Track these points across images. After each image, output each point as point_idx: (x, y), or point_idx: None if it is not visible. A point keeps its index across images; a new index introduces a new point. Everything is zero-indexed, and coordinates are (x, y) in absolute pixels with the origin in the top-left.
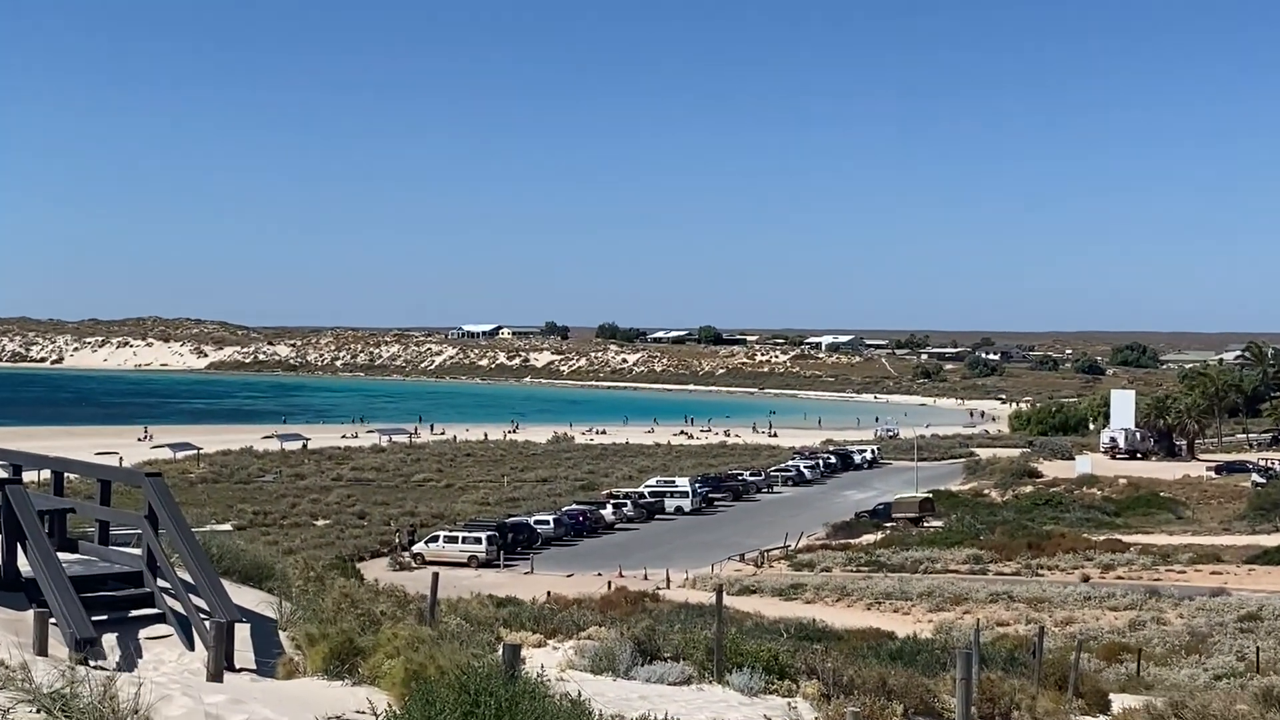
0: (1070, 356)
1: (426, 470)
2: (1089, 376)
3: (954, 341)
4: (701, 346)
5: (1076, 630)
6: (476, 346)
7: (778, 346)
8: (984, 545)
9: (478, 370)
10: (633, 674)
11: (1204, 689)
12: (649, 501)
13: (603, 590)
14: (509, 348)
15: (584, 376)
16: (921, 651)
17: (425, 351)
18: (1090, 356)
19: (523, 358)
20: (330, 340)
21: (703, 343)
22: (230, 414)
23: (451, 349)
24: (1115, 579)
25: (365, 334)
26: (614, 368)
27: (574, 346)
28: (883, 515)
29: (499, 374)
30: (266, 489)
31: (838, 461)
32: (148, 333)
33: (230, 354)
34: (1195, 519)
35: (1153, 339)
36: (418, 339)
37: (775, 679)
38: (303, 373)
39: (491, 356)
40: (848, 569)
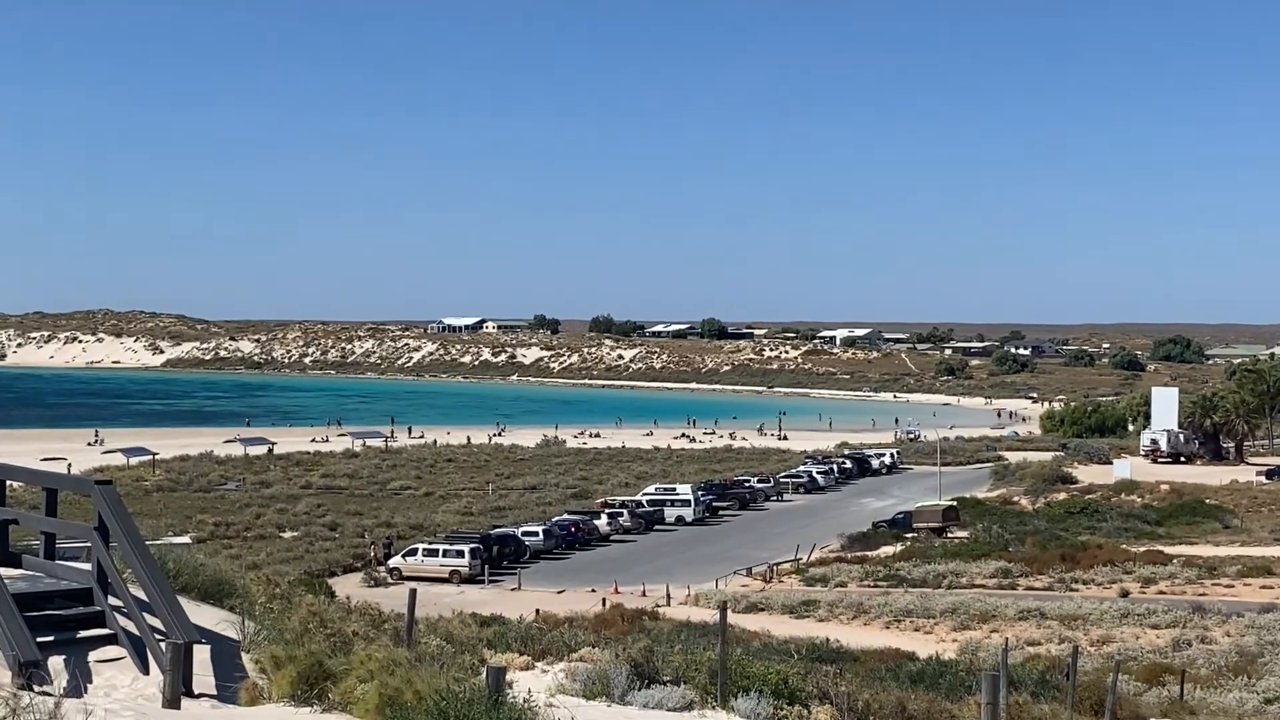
0: (1107, 351)
1: (404, 477)
2: (1128, 373)
3: (980, 335)
4: (705, 341)
5: (1114, 650)
6: (459, 342)
7: (788, 341)
8: (1013, 558)
9: (460, 368)
10: (629, 699)
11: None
12: (647, 511)
13: (597, 608)
14: (494, 343)
15: (576, 374)
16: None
17: (402, 347)
18: (1129, 351)
19: (509, 354)
20: (298, 335)
21: (706, 337)
22: (189, 416)
23: (431, 344)
24: (1157, 594)
25: (336, 328)
26: (609, 365)
27: (565, 341)
28: (903, 525)
29: (483, 372)
30: (228, 498)
31: (853, 466)
32: (98, 327)
33: (189, 350)
34: (1244, 528)
35: (1197, 331)
36: (394, 334)
37: (785, 704)
38: (268, 371)
39: (475, 353)
40: (864, 584)
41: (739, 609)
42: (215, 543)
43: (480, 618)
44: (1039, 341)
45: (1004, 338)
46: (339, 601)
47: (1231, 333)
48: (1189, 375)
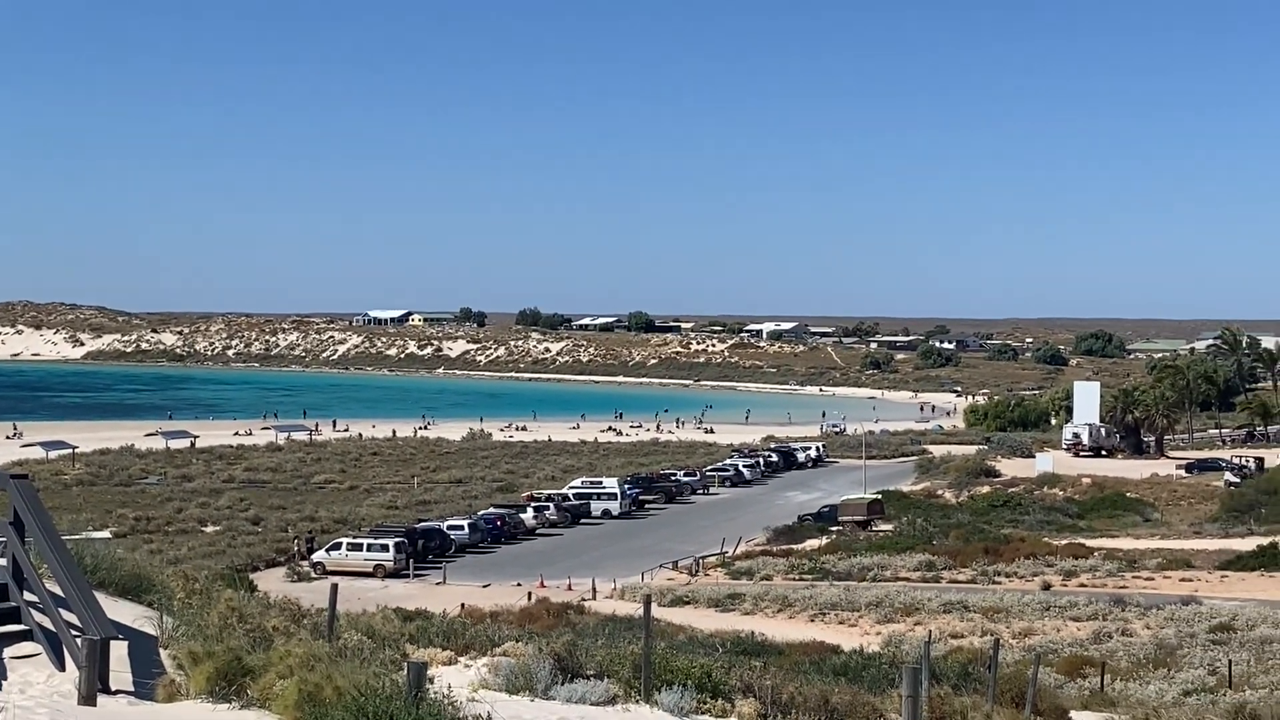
0: (1031, 345)
1: (328, 471)
2: (1051, 367)
3: (906, 329)
4: (632, 335)
5: (1036, 642)
6: (384, 334)
7: (715, 335)
8: (937, 550)
9: (385, 360)
10: (552, 693)
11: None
12: (574, 504)
13: (522, 602)
14: (420, 336)
15: (503, 367)
16: (868, 666)
17: (327, 340)
18: (1052, 345)
19: (435, 347)
20: (221, 327)
21: (633, 330)
22: (110, 409)
23: (356, 337)
24: (1078, 587)
25: (260, 320)
26: (536, 358)
27: (492, 335)
28: (828, 518)
29: (409, 365)
30: (149, 492)
31: (779, 460)
32: (17, 319)
33: (109, 342)
34: (1164, 521)
35: (1119, 326)
36: (319, 326)
37: (708, 698)
38: (190, 363)
39: (401, 345)
40: (790, 577)
41: (665, 603)
42: (135, 538)
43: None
44: (963, 336)
45: (929, 332)
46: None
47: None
48: (1111, 370)
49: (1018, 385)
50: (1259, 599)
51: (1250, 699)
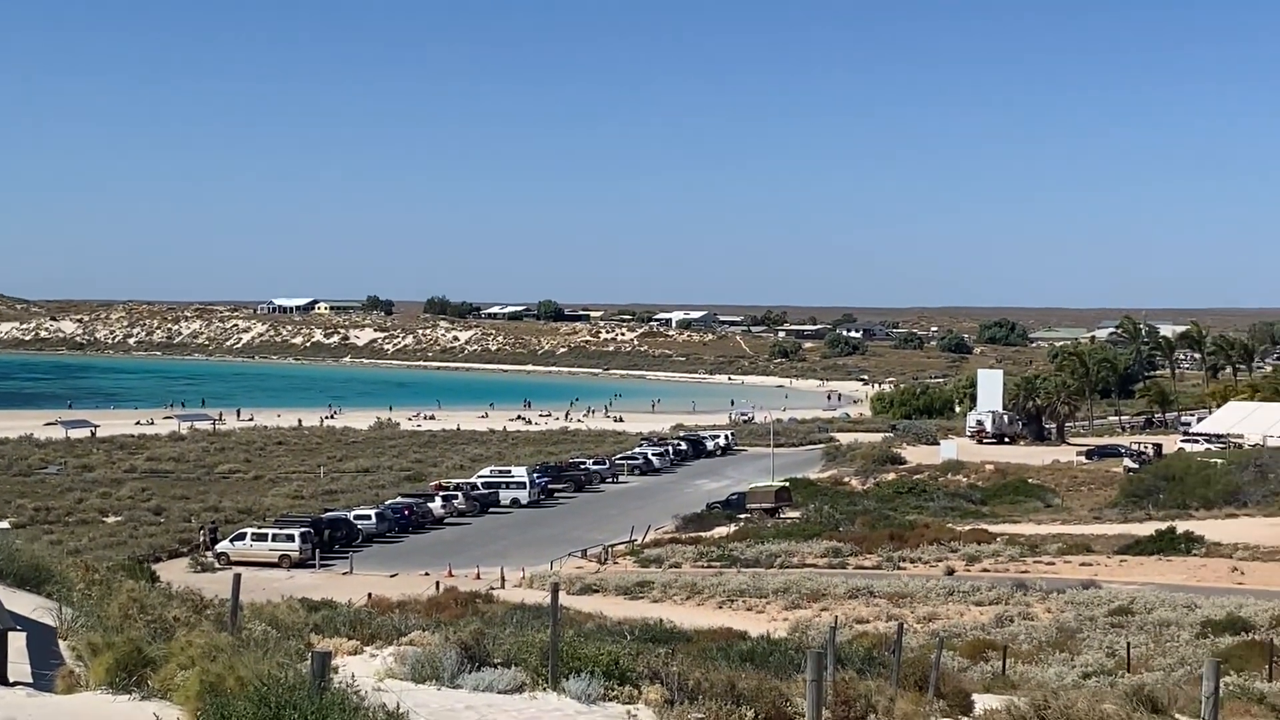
0: (936, 334)
1: (232, 460)
2: (955, 355)
3: (813, 318)
4: (541, 323)
5: (939, 627)
6: (290, 323)
7: (624, 323)
8: (843, 537)
9: (291, 349)
10: (459, 682)
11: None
12: (482, 493)
13: (430, 591)
14: (326, 324)
15: (411, 356)
16: (774, 652)
17: (231, 328)
18: (957, 334)
19: (342, 335)
20: (122, 315)
21: (542, 319)
22: (7, 398)
23: (261, 325)
24: (981, 572)
25: (163, 308)
26: (444, 346)
27: (399, 323)
28: (736, 506)
29: (315, 353)
30: (49, 482)
31: (688, 448)
32: None
33: (7, 331)
34: (1065, 507)
35: (1022, 315)
36: (223, 314)
37: (616, 685)
38: (91, 352)
39: (307, 334)
40: (698, 564)
41: (574, 591)
42: (35, 528)
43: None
44: (870, 324)
45: (836, 320)
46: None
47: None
48: (1014, 358)
49: (923, 373)
50: (1157, 583)
51: (1148, 681)
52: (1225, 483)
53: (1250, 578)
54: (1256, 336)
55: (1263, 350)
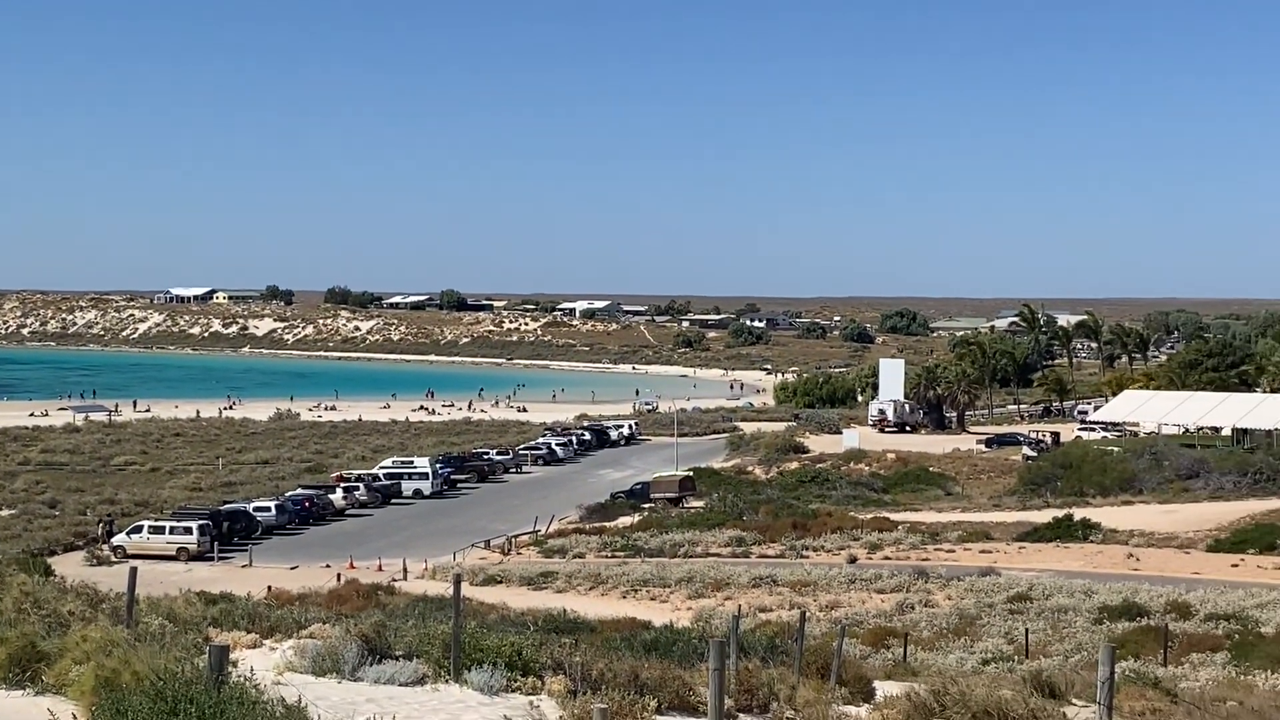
0: (839, 323)
1: (129, 452)
2: (858, 345)
3: (717, 308)
4: (444, 313)
5: (842, 615)
6: (187, 313)
7: (528, 313)
8: (747, 526)
9: (189, 339)
10: (360, 675)
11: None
12: (384, 484)
13: (331, 583)
14: (225, 314)
15: (311, 346)
16: (678, 641)
17: (127, 318)
18: (859, 323)
19: (241, 325)
20: (15, 305)
21: (445, 309)
22: None
23: (158, 315)
24: (882, 560)
25: (57, 298)
26: (345, 336)
27: (299, 313)
28: (640, 496)
29: (213, 344)
30: None
31: (592, 438)
32: None
33: None
34: (965, 495)
35: (923, 305)
36: (118, 304)
37: (519, 676)
38: None
39: (205, 324)
40: (602, 554)
41: (477, 582)
42: None
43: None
44: (773, 314)
45: (740, 310)
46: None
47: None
48: (915, 347)
49: (826, 363)
50: (1054, 569)
51: (1046, 666)
52: (1121, 470)
53: (1145, 564)
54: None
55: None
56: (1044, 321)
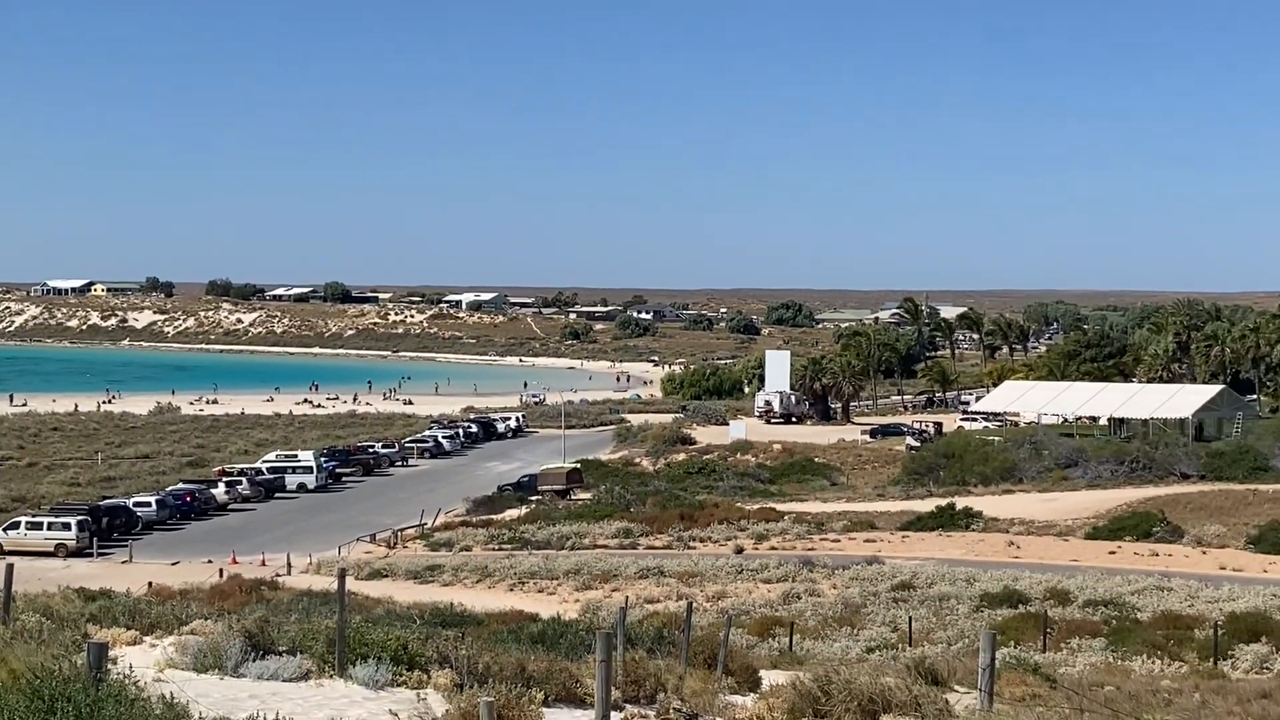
0: (725, 315)
1: (5, 447)
2: (744, 336)
3: (604, 300)
4: (328, 305)
5: (728, 605)
6: (64, 305)
7: (413, 305)
8: (634, 518)
9: (66, 332)
10: (243, 671)
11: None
12: (267, 478)
13: (213, 579)
14: (103, 307)
15: (192, 339)
16: (565, 633)
17: (3, 311)
18: (746, 315)
19: (120, 318)
20: None
21: (329, 301)
22: None
23: (35, 308)
24: (769, 550)
25: None
26: (227, 329)
27: (180, 305)
28: (527, 488)
29: (91, 336)
30: None
31: (479, 431)
32: None
33: None
34: (850, 485)
35: (809, 297)
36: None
37: (404, 670)
38: None
39: (83, 316)
40: (489, 547)
41: (362, 576)
42: None
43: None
44: (660, 306)
45: (627, 302)
46: None
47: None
48: (800, 339)
49: (713, 354)
50: (937, 558)
51: (929, 653)
52: (1002, 460)
53: (1026, 551)
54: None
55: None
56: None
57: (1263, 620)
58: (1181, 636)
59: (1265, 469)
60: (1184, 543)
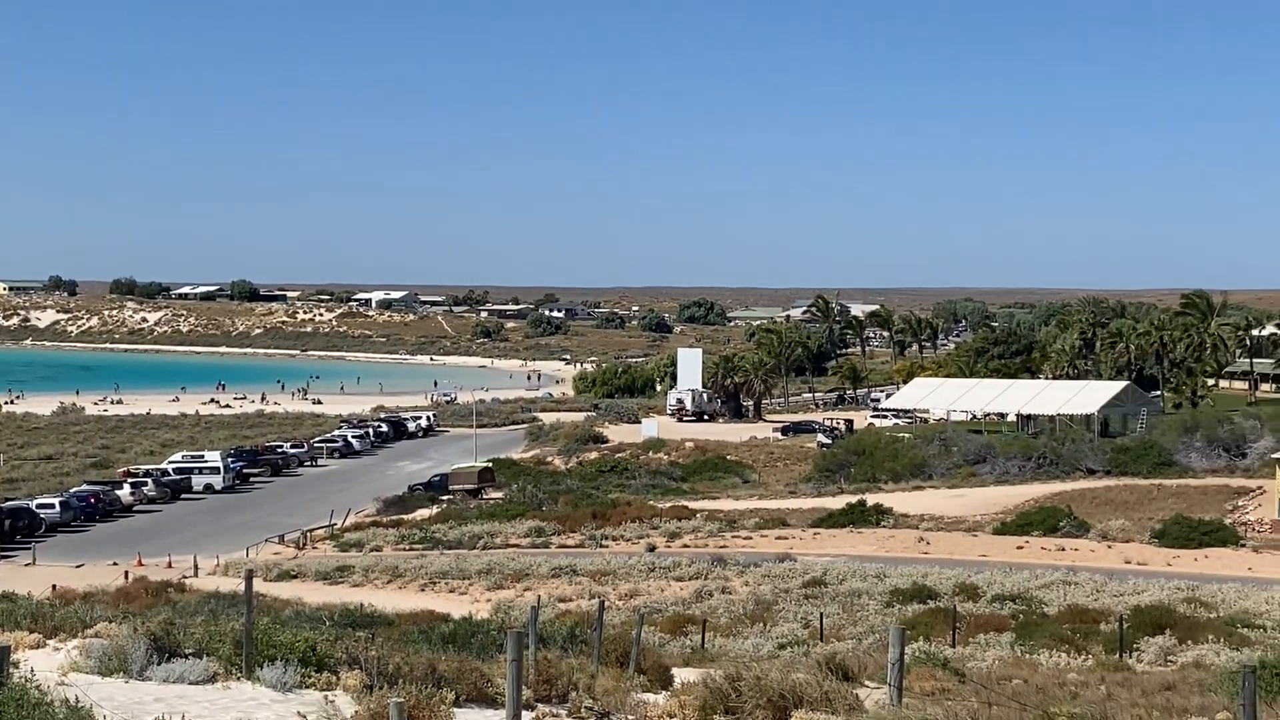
0: (637, 314)
1: None
2: (656, 334)
3: (516, 298)
4: (235, 304)
5: (641, 603)
6: None
7: (322, 304)
8: (547, 517)
9: None
10: (148, 674)
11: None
12: (174, 479)
13: (119, 582)
14: (5, 306)
15: (96, 338)
16: (477, 633)
17: None
18: (658, 313)
19: (22, 317)
20: None
21: (236, 299)
22: None
23: None
24: (681, 548)
25: None
26: (132, 328)
27: (84, 304)
28: (439, 487)
29: None
30: None
31: (390, 430)
32: None
33: None
34: (762, 482)
35: (720, 295)
36: None
37: (313, 672)
38: None
39: None
40: (400, 547)
41: (271, 577)
42: None
43: None
44: (572, 304)
45: (538, 300)
46: None
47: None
48: (713, 337)
49: (625, 353)
50: (848, 554)
51: (840, 649)
52: (912, 456)
53: (935, 547)
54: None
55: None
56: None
57: (1166, 613)
58: (1087, 630)
59: (1169, 464)
60: (1090, 537)
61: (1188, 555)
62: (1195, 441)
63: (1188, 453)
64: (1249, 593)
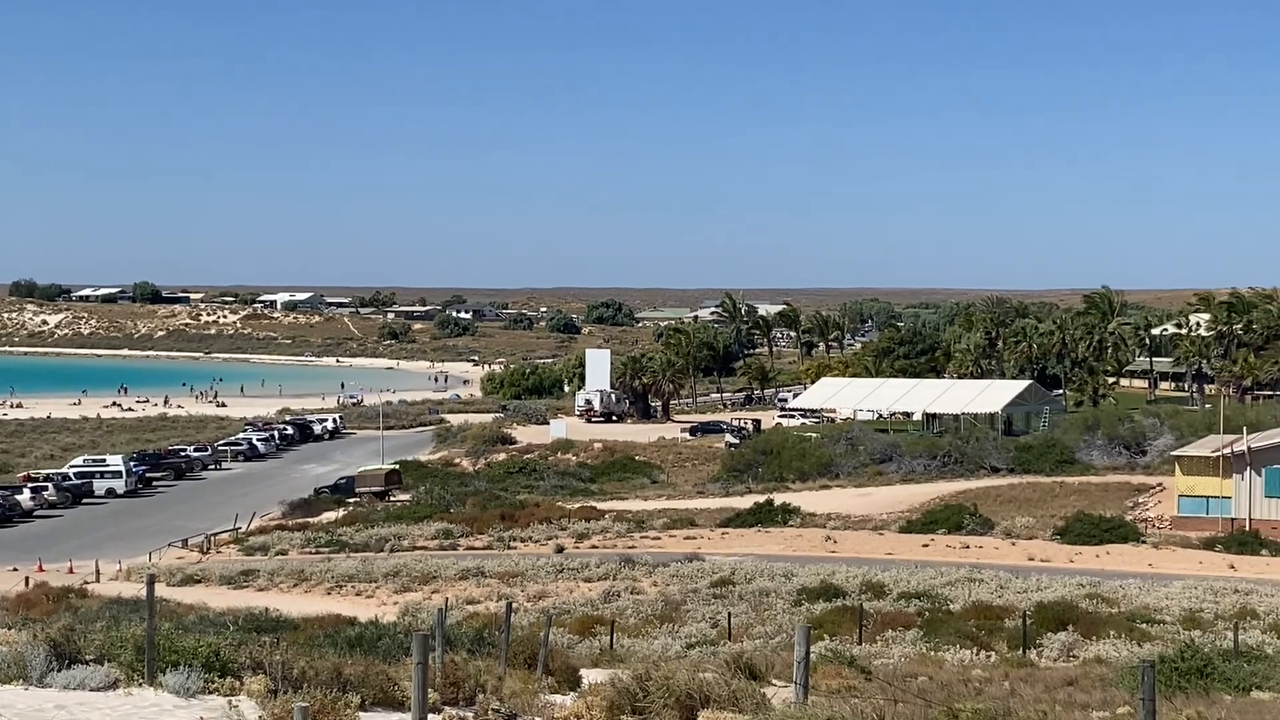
0: (545, 314)
1: None
2: (565, 335)
3: (423, 299)
4: (137, 306)
5: (549, 604)
6: None
7: (226, 305)
8: (454, 518)
9: None
10: (48, 681)
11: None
12: (75, 484)
13: (18, 587)
14: None
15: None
16: (383, 636)
17: None
18: (566, 314)
19: None
20: None
21: (138, 301)
22: None
23: None
24: (590, 548)
25: None
26: (32, 331)
27: None
28: (345, 490)
29: None
30: None
31: (295, 432)
32: None
33: None
34: (670, 482)
35: (628, 295)
36: None
37: (217, 677)
38: None
39: None
40: (306, 551)
41: (174, 582)
42: None
43: None
44: (480, 305)
45: (446, 301)
46: None
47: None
48: (621, 337)
49: (533, 354)
50: (756, 553)
51: (748, 648)
52: (819, 456)
53: (842, 546)
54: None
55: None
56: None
57: (1069, 609)
58: (992, 626)
59: (1071, 461)
60: (994, 535)
61: (1090, 552)
62: (1097, 439)
63: (1089, 451)
64: (1149, 588)
